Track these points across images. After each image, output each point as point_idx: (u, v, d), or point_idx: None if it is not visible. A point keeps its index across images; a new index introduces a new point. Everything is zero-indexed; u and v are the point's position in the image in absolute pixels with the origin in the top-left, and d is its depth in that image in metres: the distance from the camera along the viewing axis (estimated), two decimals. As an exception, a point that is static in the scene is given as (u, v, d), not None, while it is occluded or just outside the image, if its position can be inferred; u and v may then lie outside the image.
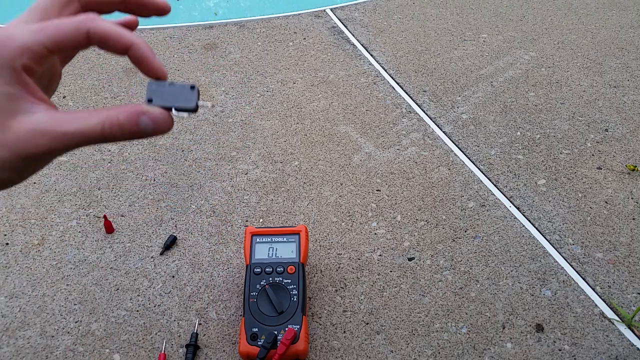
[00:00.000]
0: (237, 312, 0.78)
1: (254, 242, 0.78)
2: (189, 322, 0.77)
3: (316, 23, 1.48)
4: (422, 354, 0.73)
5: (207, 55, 1.36)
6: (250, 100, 1.20)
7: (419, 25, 1.47)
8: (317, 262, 0.85)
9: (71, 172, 1.02)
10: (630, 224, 0.91)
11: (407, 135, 1.10)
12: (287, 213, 0.94)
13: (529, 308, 0.79)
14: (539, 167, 1.02)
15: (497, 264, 0.85)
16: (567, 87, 1.23)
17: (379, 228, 0.91)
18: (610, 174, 1.00)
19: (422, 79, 1.26)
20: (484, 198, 0.96)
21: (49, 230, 0.91)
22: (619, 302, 0.79)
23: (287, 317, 0.71)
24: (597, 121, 1.13)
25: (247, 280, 0.74)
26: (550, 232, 0.90)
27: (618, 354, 0.73)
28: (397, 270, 0.84)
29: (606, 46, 1.37)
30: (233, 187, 0.99)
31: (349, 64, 1.31)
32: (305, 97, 1.21)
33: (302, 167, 1.03)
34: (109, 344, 0.75)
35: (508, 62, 1.31)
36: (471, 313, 0.78)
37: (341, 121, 1.14)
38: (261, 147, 1.08)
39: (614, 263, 0.85)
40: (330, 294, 0.81)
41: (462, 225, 0.91)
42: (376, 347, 0.74)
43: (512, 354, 0.73)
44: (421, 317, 0.78)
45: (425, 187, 0.98)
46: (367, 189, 0.98)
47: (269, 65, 1.31)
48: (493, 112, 1.16)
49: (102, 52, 1.37)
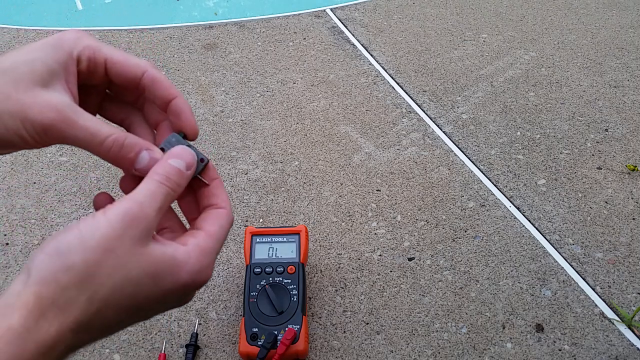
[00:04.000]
0: (237, 312, 0.78)
1: (254, 242, 0.78)
2: (189, 322, 0.77)
3: (316, 23, 1.48)
4: (422, 354, 0.73)
5: (207, 55, 1.36)
6: (250, 100, 1.20)
7: (419, 25, 1.47)
8: (317, 262, 0.85)
9: (71, 172, 1.02)
10: (630, 224, 0.91)
11: (407, 135, 1.10)
12: (287, 213, 0.94)
13: (529, 308, 0.79)
14: (539, 167, 1.02)
15: (497, 264, 0.85)
16: (567, 87, 1.23)
17: (379, 228, 0.91)
18: (610, 174, 1.00)
19: (422, 79, 1.26)
20: (484, 198, 0.96)
21: (49, 230, 0.91)
22: (619, 302, 0.79)
23: (287, 317, 0.71)
24: (597, 121, 1.13)
25: (247, 280, 0.74)
26: (550, 232, 0.90)
27: (618, 354, 0.73)
28: (397, 270, 0.84)
29: (606, 46, 1.37)
30: (233, 187, 0.99)
31: (349, 64, 1.31)
32: (305, 97, 1.21)
33: (302, 167, 1.03)
34: (109, 344, 0.75)
35: (508, 62, 1.31)
36: (471, 313, 0.78)
37: (341, 121, 1.14)
38: (261, 147, 1.08)
39: (614, 263, 0.85)
40: (330, 294, 0.81)
41: (462, 225, 0.91)
42: (376, 347, 0.74)
43: (512, 354, 0.73)
44: (421, 317, 0.78)
45: (425, 187, 0.98)
46: (367, 189, 0.98)
47: (269, 65, 1.31)
48: (493, 112, 1.16)
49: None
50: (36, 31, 1.46)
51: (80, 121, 0.28)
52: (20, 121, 0.27)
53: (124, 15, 1.57)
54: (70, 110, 0.28)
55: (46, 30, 1.46)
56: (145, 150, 0.30)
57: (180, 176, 0.30)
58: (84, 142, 0.29)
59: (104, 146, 0.29)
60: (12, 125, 0.27)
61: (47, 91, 0.28)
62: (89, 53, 0.30)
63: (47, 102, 0.28)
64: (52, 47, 0.29)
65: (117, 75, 0.31)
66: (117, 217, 0.26)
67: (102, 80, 0.32)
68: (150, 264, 0.27)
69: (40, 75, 0.28)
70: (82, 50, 0.30)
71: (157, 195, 0.28)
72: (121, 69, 0.31)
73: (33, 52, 0.29)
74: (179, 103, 0.32)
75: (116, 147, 0.29)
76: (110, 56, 0.31)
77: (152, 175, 0.29)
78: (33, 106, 0.28)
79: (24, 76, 0.28)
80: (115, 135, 0.29)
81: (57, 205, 0.95)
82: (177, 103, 0.32)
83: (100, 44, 0.31)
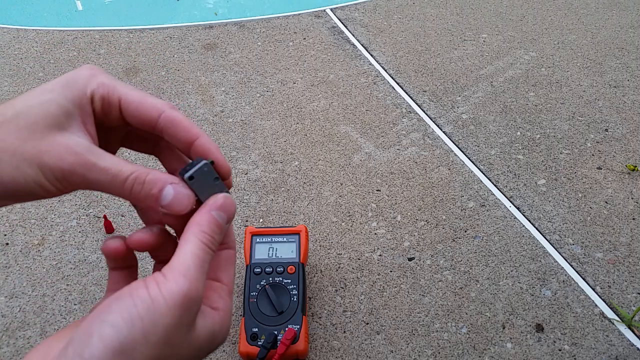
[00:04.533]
0: (237, 312, 0.78)
1: (254, 242, 0.78)
2: (189, 322, 0.77)
3: (316, 23, 1.48)
4: (422, 354, 0.73)
5: (207, 55, 1.36)
6: (250, 100, 1.20)
7: (419, 25, 1.47)
8: (317, 262, 0.85)
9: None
10: (630, 224, 0.91)
11: (407, 135, 1.10)
12: (287, 213, 0.94)
13: (529, 308, 0.79)
14: (539, 167, 1.02)
15: (497, 264, 0.85)
16: (567, 87, 1.23)
17: (379, 228, 0.91)
18: (610, 174, 1.00)
19: (422, 79, 1.26)
20: (484, 198, 0.96)
21: (49, 230, 0.91)
22: (619, 302, 0.79)
23: (287, 317, 0.71)
24: (597, 121, 1.13)
25: (247, 280, 0.74)
26: (550, 232, 0.90)
27: (618, 354, 0.73)
28: (397, 270, 0.84)
29: (606, 46, 1.37)
30: (233, 187, 0.99)
31: (349, 64, 1.31)
32: (305, 97, 1.21)
33: (302, 167, 1.03)
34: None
35: (508, 62, 1.31)
36: (471, 313, 0.78)
37: (341, 121, 1.14)
38: (261, 147, 1.08)
39: (614, 263, 0.85)
40: (330, 294, 0.81)
41: (462, 225, 0.91)
42: (376, 347, 0.74)
43: (512, 354, 0.73)
44: (421, 317, 0.78)
45: (425, 187, 0.98)
46: (367, 189, 0.98)
47: (269, 65, 1.31)
48: (493, 112, 1.16)
49: (102, 52, 1.37)
50: (36, 31, 1.46)
51: (101, 163, 0.27)
52: (39, 168, 0.26)
53: (124, 15, 1.57)
54: (88, 153, 0.27)
55: (46, 30, 1.46)
56: (169, 185, 0.28)
57: (221, 233, 0.28)
58: (106, 185, 0.27)
59: (125, 187, 0.27)
60: (31, 173, 0.26)
61: (64, 134, 0.27)
62: (103, 92, 0.28)
63: (64, 146, 0.26)
64: (65, 87, 0.28)
65: (132, 117, 0.29)
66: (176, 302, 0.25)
67: (118, 122, 0.30)
68: (199, 344, 0.27)
69: (55, 118, 0.27)
70: (97, 89, 0.28)
71: (205, 263, 0.27)
72: (136, 110, 0.29)
73: (46, 93, 0.27)
74: (203, 143, 0.30)
75: (138, 186, 0.27)
76: (125, 96, 0.29)
77: (196, 233, 0.27)
78: (51, 152, 0.26)
79: (39, 120, 0.26)
80: (136, 173, 0.27)
81: (57, 205, 0.95)
82: (201, 143, 0.30)
83: (115, 82, 0.29)
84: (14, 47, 1.39)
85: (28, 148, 0.26)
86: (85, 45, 1.40)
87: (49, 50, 1.37)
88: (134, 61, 1.33)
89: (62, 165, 0.26)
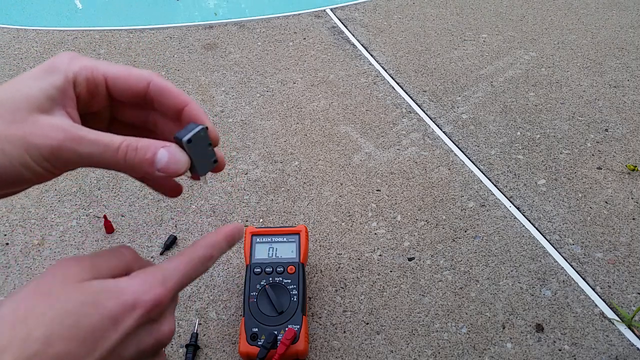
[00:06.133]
0: (237, 312, 0.78)
1: (254, 242, 0.78)
2: (189, 322, 0.77)
3: (316, 23, 1.48)
4: (422, 354, 0.73)
5: (207, 55, 1.36)
6: (250, 100, 1.20)
7: (419, 25, 1.47)
8: (317, 262, 0.85)
9: (71, 172, 1.02)
10: (630, 224, 0.91)
11: (407, 135, 1.10)
12: (287, 213, 0.94)
13: (529, 308, 0.79)
14: (539, 167, 1.02)
15: (497, 264, 0.85)
16: (567, 87, 1.23)
17: (379, 228, 0.91)
18: (610, 174, 1.00)
19: (422, 79, 1.26)
20: (484, 198, 0.96)
21: (49, 230, 0.91)
22: (619, 302, 0.79)
23: (287, 317, 0.71)
24: (597, 121, 1.13)
25: (247, 280, 0.74)
26: (550, 232, 0.90)
27: (618, 354, 0.73)
28: (397, 270, 0.84)
29: (606, 46, 1.37)
30: (233, 187, 0.99)
31: (349, 64, 1.31)
32: (305, 97, 1.21)
33: (302, 167, 1.03)
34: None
35: (508, 62, 1.31)
36: (471, 313, 0.78)
37: (341, 121, 1.14)
38: (261, 147, 1.08)
39: (614, 263, 0.85)
40: (330, 294, 0.81)
41: (462, 225, 0.91)
42: (376, 347, 0.74)
43: (512, 354, 0.73)
44: (421, 317, 0.78)
45: (425, 187, 0.98)
46: (367, 189, 0.98)
47: (269, 65, 1.31)
48: (493, 112, 1.16)
49: (102, 52, 1.37)
50: (36, 31, 1.46)
51: (91, 136, 0.27)
52: (24, 150, 0.26)
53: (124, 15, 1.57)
54: (76, 129, 0.27)
55: (46, 30, 1.46)
56: (162, 148, 0.28)
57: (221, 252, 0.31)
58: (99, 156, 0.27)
59: (119, 154, 0.27)
60: (16, 155, 0.26)
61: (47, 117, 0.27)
62: (87, 73, 0.28)
63: (50, 125, 0.26)
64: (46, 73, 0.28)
65: (120, 91, 0.29)
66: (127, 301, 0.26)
67: (105, 103, 0.30)
68: (90, 294, 0.25)
69: (38, 101, 0.27)
70: (79, 72, 0.28)
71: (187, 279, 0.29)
72: (124, 83, 0.29)
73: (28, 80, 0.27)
74: (193, 109, 0.30)
75: (131, 152, 0.27)
76: (110, 72, 0.29)
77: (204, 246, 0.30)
78: (36, 132, 0.26)
79: (21, 105, 0.26)
80: (127, 141, 0.27)
81: (57, 205, 0.95)
82: (190, 110, 0.30)
83: (96, 62, 0.29)
84: (14, 47, 1.39)
85: (12, 131, 0.26)
86: (85, 45, 1.40)
87: (49, 50, 1.37)
88: (134, 61, 1.33)
89: (50, 142, 0.26)
